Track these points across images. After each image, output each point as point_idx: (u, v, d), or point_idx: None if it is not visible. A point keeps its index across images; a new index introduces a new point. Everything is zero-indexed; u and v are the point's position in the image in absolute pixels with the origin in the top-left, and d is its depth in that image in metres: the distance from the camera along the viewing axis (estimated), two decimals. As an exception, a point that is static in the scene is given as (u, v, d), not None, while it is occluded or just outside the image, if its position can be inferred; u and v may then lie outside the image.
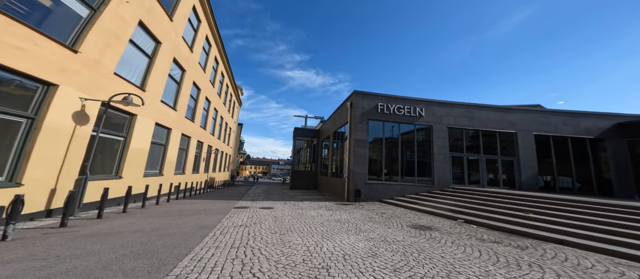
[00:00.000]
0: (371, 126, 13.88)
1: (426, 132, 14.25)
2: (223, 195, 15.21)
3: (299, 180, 22.54)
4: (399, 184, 13.15)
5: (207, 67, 18.19)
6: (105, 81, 7.79)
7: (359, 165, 13.16)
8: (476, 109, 14.71)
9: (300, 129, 24.54)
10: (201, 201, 11.74)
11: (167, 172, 12.77)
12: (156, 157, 11.94)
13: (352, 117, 14.04)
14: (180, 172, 14.81)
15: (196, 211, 8.53)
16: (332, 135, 18.92)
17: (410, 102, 14.24)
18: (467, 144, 14.41)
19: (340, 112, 16.97)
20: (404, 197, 12.57)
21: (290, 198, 14.05)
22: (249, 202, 11.55)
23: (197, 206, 10.16)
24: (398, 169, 13.60)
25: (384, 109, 13.96)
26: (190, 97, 15.58)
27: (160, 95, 11.28)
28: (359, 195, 12.22)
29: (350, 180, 13.25)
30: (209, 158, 21.14)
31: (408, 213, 9.90)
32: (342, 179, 14.78)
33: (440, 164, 13.54)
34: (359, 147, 13.37)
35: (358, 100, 14.08)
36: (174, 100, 13.22)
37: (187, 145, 15.68)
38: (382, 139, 13.88)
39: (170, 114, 12.60)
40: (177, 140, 13.64)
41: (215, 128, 22.21)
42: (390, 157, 13.94)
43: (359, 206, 11.28)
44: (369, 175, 13.23)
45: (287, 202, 12.32)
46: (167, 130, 12.57)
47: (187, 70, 14.16)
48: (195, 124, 16.61)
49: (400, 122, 13.97)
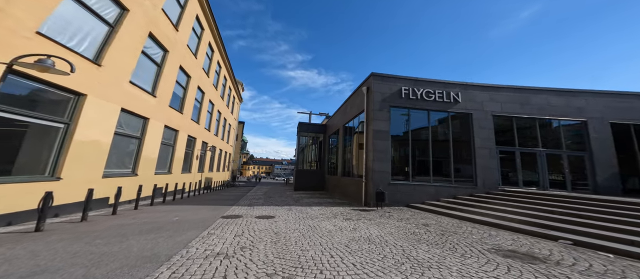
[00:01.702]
0: (393, 114, 11.10)
1: (464, 121, 11.37)
2: (216, 198, 12.51)
3: (304, 180, 19.79)
4: (431, 186, 10.34)
5: (199, 53, 15.52)
6: (18, 40, 5.10)
7: (380, 162, 10.38)
8: (531, 93, 11.64)
9: (304, 124, 21.79)
10: (184, 206, 9.04)
11: (145, 171, 10.07)
12: (127, 153, 9.24)
13: (370, 105, 11.28)
14: (164, 172, 12.12)
15: (161, 226, 5.80)
16: (341, 129, 16.16)
17: (443, 85, 11.42)
18: (519, 136, 11.35)
19: (352, 100, 14.21)
20: (440, 202, 9.76)
21: (296, 202, 11.30)
22: (244, 209, 8.82)
23: (177, 213, 7.46)
24: (428, 167, 10.77)
25: (408, 94, 11.17)
26: (177, 84, 12.91)
27: (128, 74, 8.58)
28: (383, 198, 9.44)
29: (368, 180, 10.48)
30: (204, 156, 18.46)
31: (461, 225, 7.08)
32: (357, 179, 12.02)
33: (484, 160, 10.68)
34: (379, 139, 10.60)
35: (377, 84, 11.32)
36: (152, 85, 10.53)
37: (173, 140, 12.99)
38: (408, 131, 11.08)
39: (147, 101, 9.91)
40: (158, 133, 10.95)
41: (211, 123, 19.53)
42: (418, 152, 11.14)
43: (385, 214, 8.49)
44: (393, 174, 10.46)
45: (292, 207, 9.59)
46: (142, 120, 9.87)
47: (170, 51, 11.49)
48: (185, 116, 13.93)
49: (430, 109, 11.16)
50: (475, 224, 7.25)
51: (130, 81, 8.72)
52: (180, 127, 13.24)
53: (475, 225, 7.08)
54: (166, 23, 11.10)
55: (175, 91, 12.82)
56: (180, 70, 13.06)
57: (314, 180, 19.98)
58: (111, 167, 8.22)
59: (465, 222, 7.48)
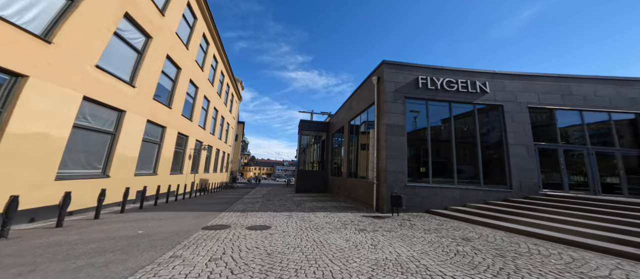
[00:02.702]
0: (409, 107, 9.49)
1: (493, 114, 9.74)
2: (208, 202, 10.91)
3: (305, 182, 18.17)
4: (456, 189, 8.70)
5: (191, 44, 13.99)
6: None
7: (395, 161, 8.77)
8: (573, 82, 9.92)
9: (306, 122, 20.18)
10: (163, 213, 7.41)
11: (120, 172, 8.48)
12: (95, 150, 7.66)
13: (382, 96, 9.68)
14: (148, 173, 10.53)
15: (113, 244, 4.18)
16: (346, 126, 14.56)
17: (467, 74, 9.78)
18: (561, 131, 9.59)
19: (359, 93, 12.61)
20: (468, 208, 8.12)
21: (297, 206, 9.69)
22: (235, 216, 7.22)
23: (148, 223, 5.85)
24: (452, 167, 9.13)
25: (426, 83, 9.56)
26: (164, 75, 11.35)
27: (93, 57, 7.01)
28: (399, 203, 7.81)
29: (381, 182, 8.86)
30: (198, 156, 16.88)
31: (513, 239, 5.40)
32: (366, 180, 10.41)
33: (520, 159, 8.98)
34: (393, 135, 8.99)
35: (389, 73, 9.72)
36: (131, 74, 8.97)
37: (160, 137, 11.42)
38: (426, 126, 9.44)
39: (122, 91, 8.35)
40: (138, 129, 9.38)
41: (206, 121, 17.96)
42: (439, 150, 9.52)
43: (405, 222, 6.83)
44: (409, 175, 8.83)
45: (293, 214, 7.98)
46: (117, 112, 8.30)
47: (154, 37, 9.96)
48: (174, 111, 12.36)
49: (452, 101, 9.54)
50: (530, 238, 5.56)
51: (97, 65, 7.16)
52: (167, 123, 11.67)
53: (532, 240, 5.39)
54: (149, 5, 9.56)
55: (162, 83, 11.27)
56: (168, 60, 11.51)
57: (316, 181, 18.36)
58: (70, 167, 6.64)
59: (515, 235, 5.79)
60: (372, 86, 10.56)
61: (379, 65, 10.30)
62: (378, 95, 9.99)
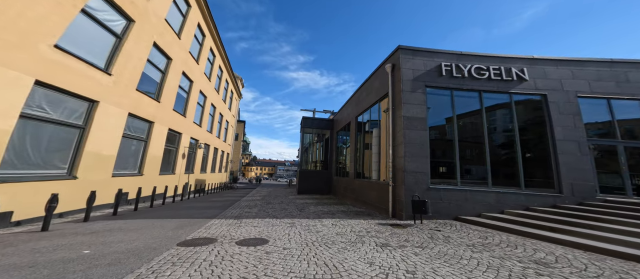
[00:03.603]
0: (431, 98, 8.07)
1: (534, 105, 8.25)
2: (200, 206, 9.51)
3: (308, 182, 16.76)
4: (490, 193, 7.26)
5: (185, 34, 12.63)
6: None
7: (415, 159, 7.34)
8: (629, 67, 8.25)
9: (309, 119, 18.78)
10: (136, 222, 6.01)
11: (92, 172, 7.10)
12: (57, 147, 6.27)
13: (397, 86, 8.27)
14: (132, 173, 9.15)
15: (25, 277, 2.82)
16: (353, 122, 13.16)
17: (499, 60, 8.32)
18: (619, 125, 7.90)
19: (369, 85, 11.20)
20: (508, 215, 6.65)
21: (300, 211, 8.29)
22: (226, 224, 5.82)
23: (107, 238, 4.45)
24: (484, 167, 7.67)
25: (451, 70, 8.13)
26: (151, 65, 9.99)
27: (50, 35, 5.64)
28: (424, 209, 6.39)
29: (399, 183, 7.44)
30: (193, 155, 15.51)
31: (605, 261, 3.99)
32: (378, 182, 8.99)
33: (571, 158, 7.45)
34: (412, 129, 7.58)
35: (406, 60, 8.31)
36: (107, 60, 7.61)
37: (147, 133, 10.04)
38: (452, 118, 7.99)
39: (94, 79, 6.98)
40: (116, 123, 8.00)
41: (203, 117, 16.58)
42: (468, 147, 8.10)
43: (434, 233, 5.38)
44: (431, 176, 7.40)
45: (295, 221, 6.58)
46: (86, 102, 6.92)
47: (137, 21, 8.62)
48: (164, 105, 10.99)
49: (482, 90, 8.08)
50: (617, 259, 4.11)
51: (57, 45, 5.78)
52: (155, 118, 10.29)
53: (628, 263, 3.97)
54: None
55: (149, 74, 9.91)
56: (156, 48, 10.15)
57: (319, 182, 16.95)
58: (17, 166, 5.26)
59: (594, 253, 4.32)
60: (385, 75, 9.16)
61: (393, 51, 8.89)
62: (393, 84, 8.58)
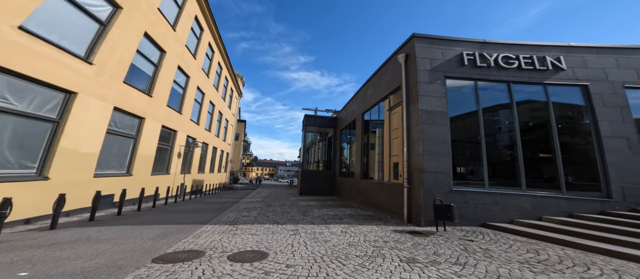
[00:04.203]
0: (451, 89, 7.14)
1: (572, 97, 7.20)
2: (194, 208, 8.59)
3: (310, 183, 15.84)
4: (524, 196, 6.28)
5: (180, 26, 11.73)
6: None
7: (434, 157, 6.41)
8: None
9: (311, 117, 17.87)
10: (117, 228, 5.10)
11: (67, 174, 6.19)
12: (26, 144, 5.36)
13: (412, 77, 7.34)
14: (119, 173, 8.24)
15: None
16: (359, 119, 12.24)
17: (531, 48, 7.32)
18: None
19: (377, 79, 10.26)
20: (547, 222, 5.66)
21: (304, 215, 7.36)
22: (220, 231, 4.91)
23: (66, 251, 3.53)
24: (516, 166, 6.66)
25: (474, 60, 7.18)
26: (141, 56, 9.09)
27: (13, 15, 4.75)
28: (450, 215, 5.45)
29: (415, 185, 6.50)
30: (190, 154, 14.60)
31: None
32: (390, 183, 8.06)
33: (620, 158, 6.44)
34: (431, 124, 6.65)
35: (422, 48, 7.38)
36: (88, 48, 6.70)
37: (137, 131, 9.12)
38: (477, 112, 7.02)
39: (72, 68, 6.07)
40: (99, 118, 7.09)
41: (201, 115, 15.67)
42: (495, 144, 7.15)
43: (471, 246, 4.40)
44: (454, 177, 6.47)
45: (299, 228, 5.66)
46: (63, 94, 6.01)
47: (125, 8, 7.74)
48: (157, 101, 10.08)
49: (511, 81, 7.10)
50: None
51: (22, 26, 4.88)
52: (146, 113, 9.38)
53: None
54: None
55: (139, 66, 9.01)
56: (147, 39, 9.25)
57: (322, 183, 16.03)
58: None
59: None
60: (397, 67, 8.23)
61: (407, 41, 7.97)
62: (407, 76, 7.66)
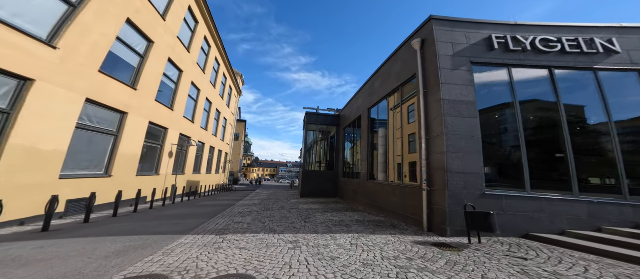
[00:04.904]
0: (479, 76, 6.01)
1: (627, 84, 5.98)
2: (180, 212, 7.48)
3: (312, 184, 14.74)
4: (578, 202, 5.09)
5: (171, 15, 10.67)
6: None
7: (462, 155, 5.29)
8: None
9: (313, 114, 16.78)
10: (72, 241, 3.99)
11: (18, 174, 5.09)
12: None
13: (433, 62, 6.22)
14: (95, 174, 7.14)
15: None
16: (366, 116, 11.13)
17: (575, 30, 6.18)
18: None
19: (387, 69, 9.14)
20: (610, 235, 4.47)
21: (305, 221, 6.24)
22: (200, 244, 3.79)
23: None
24: (566, 167, 5.50)
25: (506, 43, 6.04)
26: (123, 45, 8.01)
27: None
28: (489, 225, 4.32)
29: (437, 187, 5.38)
30: (184, 154, 13.51)
31: None
32: (404, 185, 6.93)
33: None
34: (457, 116, 5.53)
35: (442, 32, 6.27)
36: (51, 30, 5.63)
37: (117, 127, 8.03)
38: (513, 103, 5.85)
39: (26, 50, 5.00)
40: (66, 110, 5.98)
41: (196, 113, 14.57)
42: (537, 140, 5.99)
43: (529, 265, 3.16)
44: (487, 179, 5.34)
45: (300, 239, 4.54)
46: (15, 81, 4.92)
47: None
48: (142, 94, 8.99)
49: (554, 66, 5.92)
50: None
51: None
52: (130, 108, 8.29)
53: None
54: None
55: (120, 56, 7.93)
56: (130, 26, 8.18)
57: (324, 184, 14.93)
58: None
59: None
60: (411, 54, 7.12)
61: (424, 24, 6.85)
62: (424, 63, 6.54)
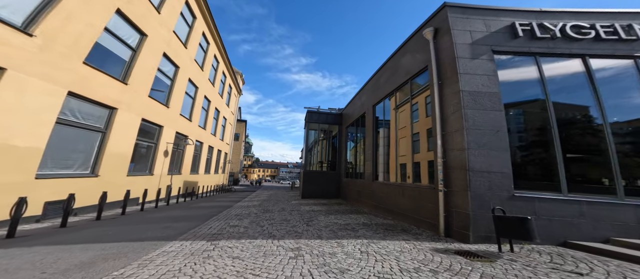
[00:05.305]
0: (501, 66, 5.41)
1: None
2: (172, 214, 6.84)
3: (313, 185, 14.11)
4: (623, 206, 4.42)
5: (166, 8, 10.09)
6: None
7: (486, 152, 4.68)
8: None
9: (315, 113, 16.17)
10: (38, 249, 3.37)
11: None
12: None
13: (447, 53, 5.62)
14: (79, 174, 6.52)
15: None
16: (371, 113, 10.52)
17: (610, 16, 5.54)
18: None
19: (395, 62, 8.53)
20: None
21: (308, 225, 5.60)
22: (189, 250, 3.17)
23: None
24: (608, 166, 4.83)
25: (532, 31, 5.41)
26: (110, 35, 7.42)
27: None
28: (526, 232, 3.69)
29: (458, 188, 4.76)
30: (181, 153, 12.90)
31: None
32: (416, 186, 6.30)
33: None
34: (478, 109, 4.92)
35: (458, 20, 5.68)
36: (28, 16, 5.04)
37: (105, 123, 7.41)
38: (543, 97, 5.20)
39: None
40: (43, 103, 5.38)
41: (194, 111, 13.97)
42: (571, 138, 5.35)
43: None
44: (515, 179, 4.71)
45: (302, 245, 3.89)
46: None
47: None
48: (133, 90, 8.38)
49: (588, 54, 5.28)
50: None
51: None
52: (120, 103, 7.68)
53: None
54: None
55: (110, 48, 7.33)
56: (120, 17, 7.58)
57: (326, 185, 14.30)
58: None
59: None
60: (423, 44, 6.52)
61: (436, 12, 6.24)
62: (437, 53, 5.93)
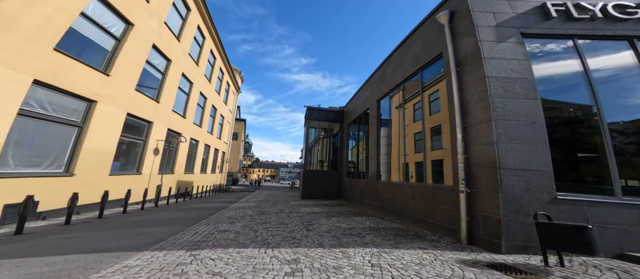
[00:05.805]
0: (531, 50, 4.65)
1: None
2: (158, 216, 6.04)
3: (313, 185, 13.34)
4: None
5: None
6: None
7: (520, 146, 3.91)
8: None
9: (315, 110, 15.39)
10: None
11: None
12: None
13: (466, 38, 4.86)
14: (50, 172, 5.75)
15: None
16: (375, 108, 9.75)
17: None
18: None
19: (403, 52, 7.75)
20: None
21: (307, 229, 4.81)
22: (159, 265, 2.45)
23: None
24: None
25: (568, 11, 4.60)
26: (88, 21, 6.65)
27: None
28: (584, 244, 2.91)
29: (484, 189, 4.00)
30: (174, 151, 12.12)
31: None
32: (431, 186, 5.54)
33: None
34: (508, 97, 4.15)
35: (477, 1, 4.91)
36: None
37: (83, 117, 6.63)
38: (586, 85, 4.41)
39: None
40: (2, 93, 4.63)
41: (188, 107, 13.19)
42: (621, 131, 4.58)
43: None
44: (556, 180, 3.96)
45: (300, 256, 3.09)
46: None
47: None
48: (117, 81, 7.60)
49: (634, 35, 4.47)
50: None
51: None
52: (100, 96, 6.90)
53: None
54: None
55: (89, 36, 6.56)
56: (101, 2, 6.81)
57: (327, 185, 13.54)
58: None
59: None
60: (435, 30, 5.75)
61: (451, -12, 5.49)
62: (454, 38, 5.17)
